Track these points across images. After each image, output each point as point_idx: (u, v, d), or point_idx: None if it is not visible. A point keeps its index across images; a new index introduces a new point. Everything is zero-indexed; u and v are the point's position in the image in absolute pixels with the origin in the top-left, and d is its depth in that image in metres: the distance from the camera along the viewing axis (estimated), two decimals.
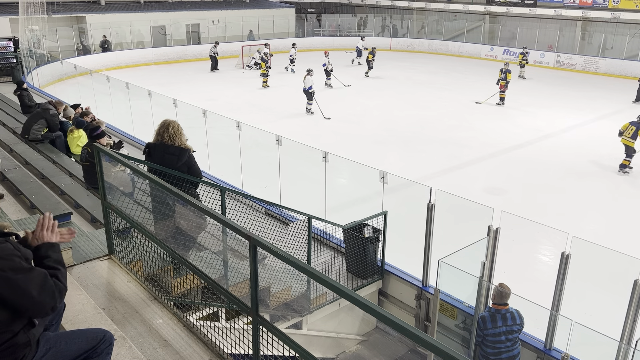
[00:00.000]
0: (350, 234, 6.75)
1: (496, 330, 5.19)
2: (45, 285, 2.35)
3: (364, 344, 7.07)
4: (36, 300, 2.32)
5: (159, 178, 3.78)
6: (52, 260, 2.53)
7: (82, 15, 27.59)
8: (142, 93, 13.03)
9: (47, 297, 2.35)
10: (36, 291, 2.31)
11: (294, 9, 35.69)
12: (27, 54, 20.29)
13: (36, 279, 2.33)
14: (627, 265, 5.06)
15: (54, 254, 2.56)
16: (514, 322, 5.17)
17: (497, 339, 5.20)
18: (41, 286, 2.33)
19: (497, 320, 5.17)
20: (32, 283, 2.31)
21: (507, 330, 5.18)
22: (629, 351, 4.70)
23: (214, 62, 25.75)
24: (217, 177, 9.80)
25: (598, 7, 26.60)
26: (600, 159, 13.09)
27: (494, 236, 5.84)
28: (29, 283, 2.30)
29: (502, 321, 5.15)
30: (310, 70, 17.40)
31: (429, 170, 11.82)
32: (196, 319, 3.98)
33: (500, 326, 5.17)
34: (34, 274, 2.34)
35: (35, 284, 2.31)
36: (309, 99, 17.20)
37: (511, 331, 5.19)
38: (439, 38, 32.49)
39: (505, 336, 5.19)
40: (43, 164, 7.97)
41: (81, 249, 4.64)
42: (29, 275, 2.32)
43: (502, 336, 5.19)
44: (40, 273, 2.37)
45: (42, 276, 2.36)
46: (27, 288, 2.30)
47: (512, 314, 5.17)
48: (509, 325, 5.15)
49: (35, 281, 2.32)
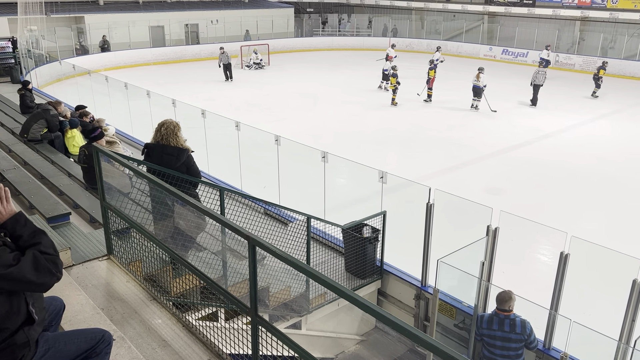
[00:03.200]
0: (349, 234, 6.75)
1: (490, 332, 5.12)
2: (39, 266, 2.35)
3: (363, 344, 7.07)
4: (37, 283, 2.35)
5: (157, 178, 3.78)
6: (26, 235, 2.44)
7: (81, 15, 27.58)
8: (141, 93, 13.02)
9: (45, 276, 2.37)
10: (33, 275, 2.33)
11: (292, 9, 35.70)
12: (25, 54, 20.28)
13: (27, 265, 2.33)
14: (626, 265, 5.05)
15: (22, 228, 2.45)
16: (512, 330, 5.00)
17: (491, 341, 5.15)
18: (35, 269, 2.34)
19: (493, 323, 5.09)
20: (26, 270, 2.31)
21: (502, 337, 5.06)
22: (628, 350, 4.71)
23: (227, 71, 22.99)
24: (216, 177, 9.80)
25: (596, 6, 26.63)
26: (599, 159, 13.11)
27: (492, 236, 5.84)
28: (23, 272, 2.31)
29: (499, 325, 5.06)
30: (482, 69, 17.81)
31: (428, 170, 11.83)
32: (195, 319, 3.98)
33: (496, 330, 5.08)
34: (23, 262, 2.33)
35: (28, 270, 2.32)
36: (478, 96, 17.68)
37: (508, 339, 5.04)
38: (437, 38, 32.50)
39: (501, 342, 5.07)
40: (42, 164, 7.96)
41: (80, 249, 4.64)
42: (20, 265, 2.32)
43: (497, 341, 5.10)
44: (28, 257, 2.36)
45: (31, 259, 2.35)
46: (24, 277, 2.31)
47: (512, 322, 5.01)
48: (505, 331, 5.03)
49: (27, 268, 2.32)
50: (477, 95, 17.77)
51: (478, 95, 17.73)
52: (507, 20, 30.94)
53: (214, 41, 30.37)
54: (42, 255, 2.40)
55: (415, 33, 34.60)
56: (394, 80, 18.07)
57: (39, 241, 2.45)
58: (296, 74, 25.19)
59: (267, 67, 26.71)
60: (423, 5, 33.73)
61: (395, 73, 18.13)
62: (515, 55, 28.07)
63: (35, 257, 2.37)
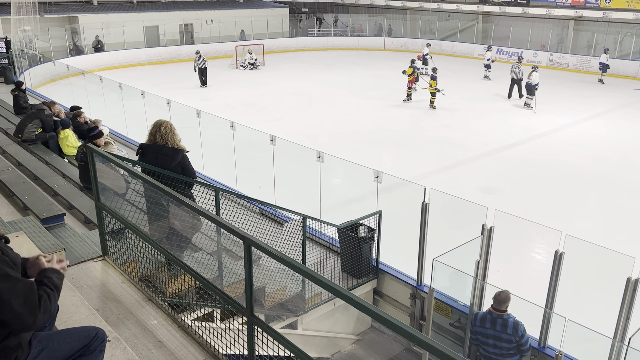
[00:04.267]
0: (344, 234, 6.76)
1: (483, 330, 5.14)
2: (29, 299, 2.28)
3: (359, 343, 7.08)
4: (16, 312, 2.24)
5: (152, 179, 3.77)
6: (51, 281, 2.46)
7: (75, 15, 27.47)
8: (136, 93, 12.98)
9: (27, 311, 2.26)
10: (18, 303, 2.23)
11: (287, 8, 35.68)
12: (19, 54, 20.17)
13: (21, 290, 2.26)
14: (620, 263, 5.08)
15: (56, 278, 2.50)
16: (503, 330, 5.02)
17: (484, 340, 5.18)
18: (24, 299, 2.26)
19: (486, 322, 5.12)
20: (15, 293, 2.24)
21: (494, 336, 5.08)
22: (622, 348, 4.73)
23: (202, 76, 21.55)
24: (211, 177, 9.78)
25: (590, 6, 26.75)
26: (594, 158, 13.17)
27: (488, 235, 5.86)
28: (12, 293, 2.23)
29: (491, 324, 5.08)
30: (536, 67, 18.09)
31: (423, 170, 11.85)
32: (191, 319, 3.97)
33: (488, 328, 5.10)
34: (19, 285, 2.27)
35: (18, 295, 2.24)
36: (531, 94, 17.91)
37: (499, 338, 5.06)
38: (432, 37, 32.56)
39: (493, 341, 5.10)
40: (36, 164, 7.92)
41: (75, 250, 4.62)
42: (15, 285, 2.25)
43: (489, 339, 5.13)
44: (27, 284, 2.31)
45: (28, 288, 2.30)
46: (9, 298, 2.22)
47: (504, 322, 5.02)
48: (497, 331, 5.05)
49: (18, 292, 2.25)
50: (530, 93, 18.06)
51: (531, 93, 17.99)
52: (501, 19, 31.05)
53: (209, 41, 30.33)
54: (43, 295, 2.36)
55: (410, 33, 34.64)
56: (434, 83, 17.82)
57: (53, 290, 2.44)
58: (291, 74, 25.18)
59: (262, 67, 26.69)
60: (417, 5, 33.79)
61: (435, 75, 17.86)
62: (510, 54, 28.12)
63: (34, 289, 2.32)
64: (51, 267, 2.53)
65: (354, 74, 24.46)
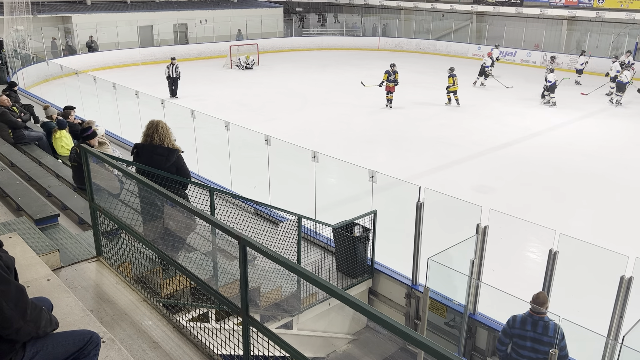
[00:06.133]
0: (340, 234, 6.76)
1: (522, 332, 4.97)
2: (20, 302, 2.26)
3: (355, 343, 7.08)
4: (5, 315, 2.23)
5: (147, 179, 3.76)
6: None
7: (68, 15, 27.33)
8: (130, 93, 12.93)
9: (16, 314, 2.25)
10: (8, 306, 2.22)
11: (281, 8, 35.65)
12: (12, 54, 20.07)
13: (12, 292, 2.25)
14: (614, 262, 5.10)
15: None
16: (544, 332, 4.87)
17: (522, 342, 4.99)
18: (15, 302, 2.24)
19: (527, 324, 4.95)
20: (6, 296, 2.22)
21: (533, 338, 4.92)
22: (616, 347, 4.75)
23: (173, 85, 19.14)
24: (206, 177, 9.76)
25: (583, 6, 26.88)
26: (587, 157, 13.23)
27: (482, 234, 5.88)
28: (2, 295, 2.22)
29: (532, 326, 4.92)
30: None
31: (418, 169, 11.87)
32: (186, 320, 3.96)
33: (529, 330, 4.93)
34: (11, 287, 2.25)
35: (9, 298, 2.23)
36: (621, 91, 18.52)
37: (539, 341, 4.90)
38: (426, 37, 32.62)
39: (532, 343, 4.93)
40: (29, 165, 7.88)
41: (69, 251, 4.60)
42: (7, 288, 2.24)
43: (527, 342, 4.95)
44: (20, 288, 2.29)
45: (20, 292, 2.28)
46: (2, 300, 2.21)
47: (545, 324, 4.87)
48: (538, 333, 4.90)
49: (10, 295, 2.24)
50: (620, 90, 18.39)
51: (621, 90, 18.31)
52: (495, 19, 31.13)
53: (203, 41, 30.26)
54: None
55: (405, 32, 34.69)
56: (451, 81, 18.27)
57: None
58: (286, 74, 25.15)
59: (256, 67, 26.65)
60: (412, 5, 33.84)
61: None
62: (504, 54, 28.21)
63: (25, 293, 2.30)
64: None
65: (348, 74, 24.45)
